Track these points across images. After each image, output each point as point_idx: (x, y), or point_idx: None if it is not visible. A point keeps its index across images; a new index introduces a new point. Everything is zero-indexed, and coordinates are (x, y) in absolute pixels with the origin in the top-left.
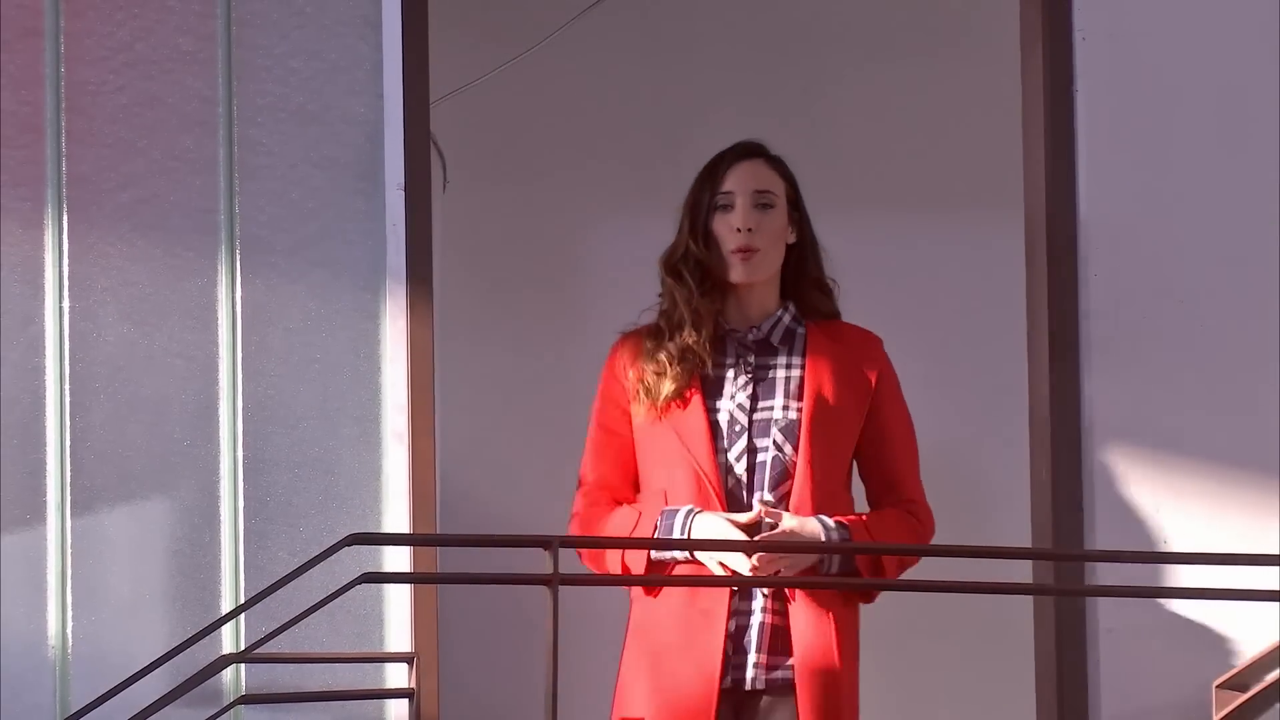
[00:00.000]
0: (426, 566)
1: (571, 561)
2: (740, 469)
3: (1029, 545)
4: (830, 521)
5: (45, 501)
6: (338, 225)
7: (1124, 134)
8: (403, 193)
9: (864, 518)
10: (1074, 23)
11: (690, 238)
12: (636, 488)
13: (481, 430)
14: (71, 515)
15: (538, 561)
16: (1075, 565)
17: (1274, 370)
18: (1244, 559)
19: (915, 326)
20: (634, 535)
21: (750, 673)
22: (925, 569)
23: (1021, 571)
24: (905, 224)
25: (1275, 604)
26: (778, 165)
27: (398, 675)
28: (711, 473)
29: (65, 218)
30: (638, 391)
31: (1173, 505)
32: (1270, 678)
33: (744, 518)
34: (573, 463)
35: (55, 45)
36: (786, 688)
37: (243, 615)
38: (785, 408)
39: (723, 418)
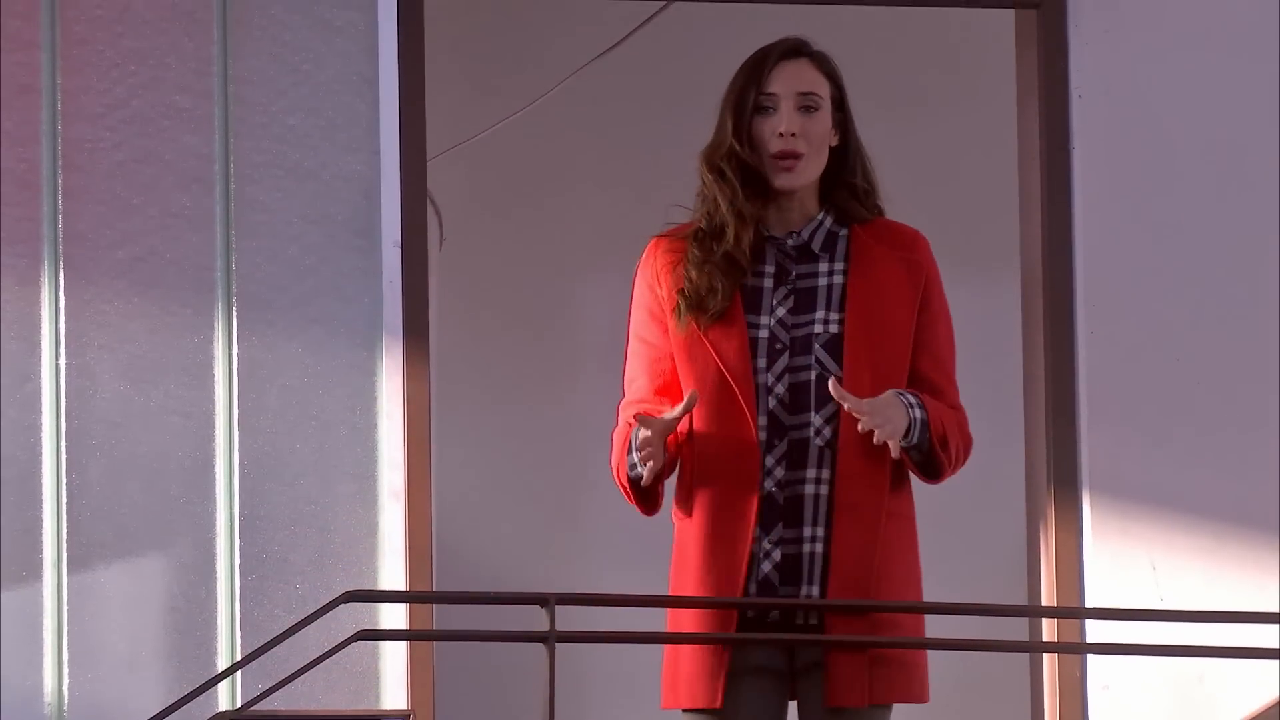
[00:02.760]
0: (423, 624)
1: (568, 619)
2: (781, 389)
3: (1026, 602)
4: (910, 397)
5: (42, 558)
6: (334, 282)
7: (1121, 192)
8: (399, 249)
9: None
10: (1070, 81)
11: (734, 137)
12: (678, 396)
13: (478, 487)
14: (68, 572)
15: (535, 619)
16: (1072, 622)
17: (1271, 428)
18: (1241, 617)
19: None
20: (625, 454)
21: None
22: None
23: (1019, 629)
24: None
25: (1271, 662)
26: (823, 64)
27: None
28: (749, 394)
29: (62, 275)
30: (677, 303)
31: (1169, 562)
32: None
33: (674, 413)
34: (568, 518)
35: (52, 102)
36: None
37: (239, 672)
38: (826, 321)
39: (762, 334)
